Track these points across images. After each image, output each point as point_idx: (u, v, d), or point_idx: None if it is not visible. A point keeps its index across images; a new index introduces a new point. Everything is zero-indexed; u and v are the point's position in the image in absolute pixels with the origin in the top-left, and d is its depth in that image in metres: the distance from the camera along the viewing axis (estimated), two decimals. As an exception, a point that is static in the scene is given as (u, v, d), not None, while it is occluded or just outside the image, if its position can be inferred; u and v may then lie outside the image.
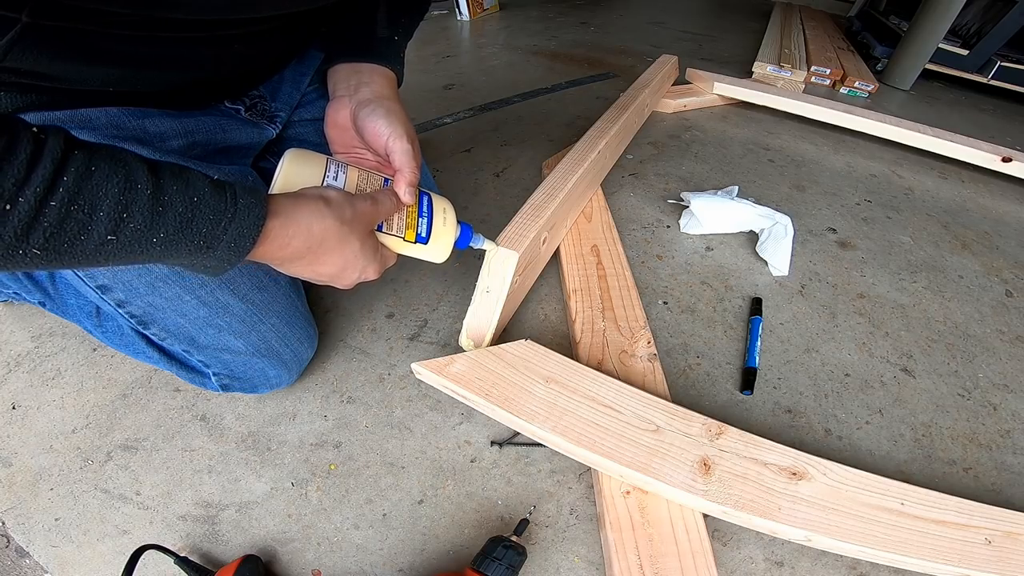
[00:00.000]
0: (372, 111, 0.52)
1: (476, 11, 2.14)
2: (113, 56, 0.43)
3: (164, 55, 0.46)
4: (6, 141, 0.26)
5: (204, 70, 0.51)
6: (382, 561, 0.50)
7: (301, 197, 0.41)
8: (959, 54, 1.75)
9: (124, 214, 0.30)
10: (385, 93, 0.55)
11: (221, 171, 0.53)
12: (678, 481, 0.49)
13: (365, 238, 0.45)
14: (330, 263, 0.43)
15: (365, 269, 0.46)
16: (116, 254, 0.31)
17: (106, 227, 0.29)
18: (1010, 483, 0.60)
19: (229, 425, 0.60)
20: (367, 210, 0.45)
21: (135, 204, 0.30)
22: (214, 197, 0.34)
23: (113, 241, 0.30)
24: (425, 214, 0.53)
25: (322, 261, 0.43)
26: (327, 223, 0.41)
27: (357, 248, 0.44)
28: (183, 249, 0.33)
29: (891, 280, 0.88)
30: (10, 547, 0.50)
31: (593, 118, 1.03)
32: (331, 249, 0.42)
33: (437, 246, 0.53)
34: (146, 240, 0.31)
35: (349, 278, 0.46)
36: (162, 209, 0.31)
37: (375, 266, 0.47)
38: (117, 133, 0.47)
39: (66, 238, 0.28)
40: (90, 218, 0.28)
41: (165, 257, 0.33)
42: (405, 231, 0.51)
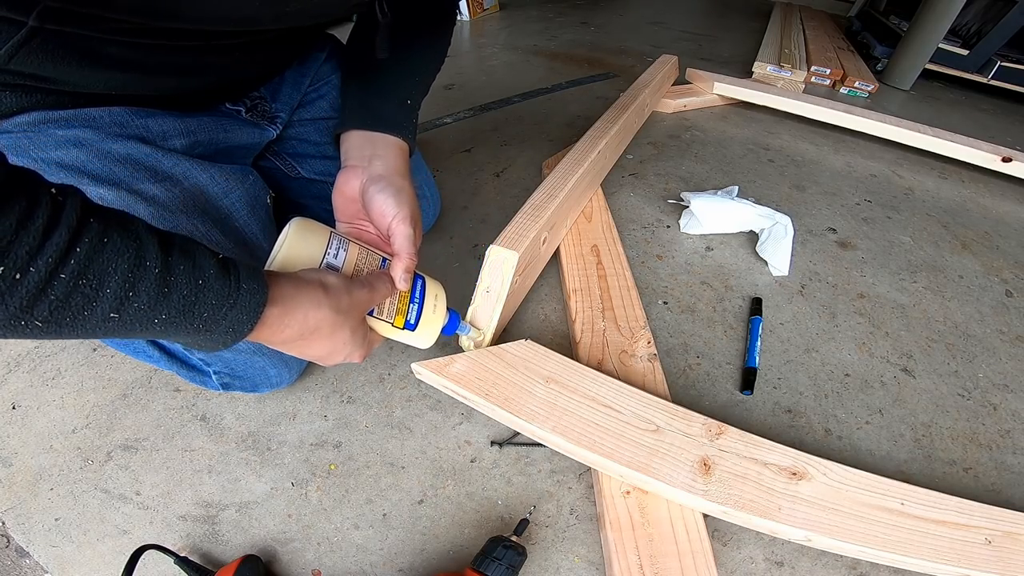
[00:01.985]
0: (381, 189, 0.52)
1: (476, 11, 2.14)
2: (116, 62, 0.43)
3: (167, 62, 0.46)
4: (25, 205, 0.24)
5: (206, 77, 0.51)
6: (382, 561, 0.50)
7: (302, 283, 0.40)
8: (959, 54, 1.75)
9: (131, 292, 0.28)
10: (397, 168, 0.55)
11: (223, 170, 0.53)
12: (678, 481, 0.49)
13: (357, 326, 0.44)
14: (319, 348, 0.43)
15: (351, 354, 0.46)
16: (116, 330, 0.30)
17: (111, 304, 0.28)
18: (1010, 483, 0.60)
19: (229, 425, 0.60)
20: (364, 298, 0.45)
21: (143, 282, 0.29)
22: (219, 280, 0.33)
23: (115, 319, 0.29)
24: (416, 300, 0.53)
25: (312, 346, 0.42)
26: (323, 313, 0.40)
27: (347, 336, 0.44)
28: (183, 330, 0.32)
29: (891, 280, 0.88)
30: (10, 547, 0.50)
31: (593, 118, 1.03)
32: (323, 336, 0.42)
33: (424, 334, 0.53)
34: (148, 319, 0.30)
35: (333, 361, 0.46)
36: (168, 290, 0.30)
37: (361, 351, 0.47)
38: (120, 131, 0.47)
39: (70, 312, 0.27)
40: (97, 293, 0.27)
41: (163, 335, 0.33)
42: (395, 317, 0.51)
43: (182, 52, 0.46)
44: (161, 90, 0.49)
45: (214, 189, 0.52)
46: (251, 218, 0.55)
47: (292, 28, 0.51)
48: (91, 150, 0.46)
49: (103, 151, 0.46)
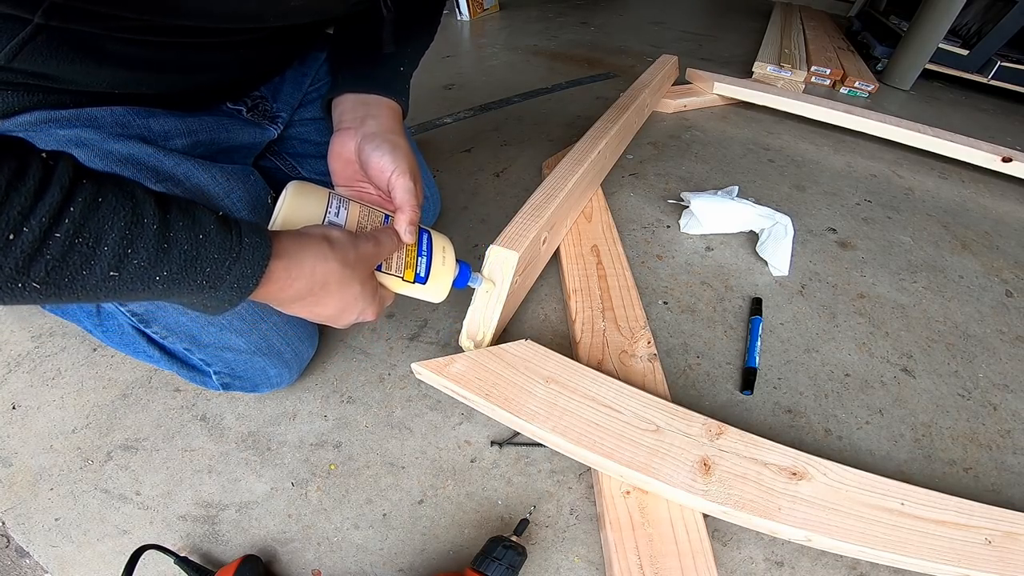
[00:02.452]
0: (377, 146, 0.51)
1: (476, 11, 2.14)
2: (120, 59, 0.43)
3: (170, 60, 0.46)
4: (15, 167, 0.25)
5: (210, 74, 0.51)
6: (382, 561, 0.50)
7: (305, 237, 0.40)
8: (959, 54, 1.75)
9: (129, 249, 0.28)
10: (391, 127, 0.54)
11: (224, 170, 0.53)
12: (678, 481, 0.49)
13: (366, 280, 0.44)
14: (330, 305, 0.43)
15: (364, 311, 0.46)
16: (117, 290, 0.30)
17: (109, 262, 0.28)
18: (1010, 483, 0.60)
19: (229, 425, 0.60)
20: (370, 252, 0.44)
21: (140, 239, 0.29)
22: (220, 235, 0.32)
23: (116, 278, 0.29)
24: (424, 253, 0.53)
25: (322, 303, 0.42)
26: (330, 266, 0.40)
27: (358, 291, 0.43)
28: (186, 288, 0.32)
29: (891, 280, 0.88)
30: (10, 547, 0.50)
31: (593, 118, 1.03)
32: (332, 292, 0.41)
33: (436, 286, 0.53)
34: (149, 277, 0.30)
35: (347, 319, 0.46)
36: (167, 246, 0.30)
37: (374, 307, 0.46)
38: (122, 131, 0.47)
39: (68, 272, 0.27)
40: (94, 252, 0.27)
41: (167, 295, 0.32)
42: (404, 270, 0.50)
43: (185, 50, 0.46)
44: (163, 88, 0.49)
45: (215, 189, 0.52)
46: (252, 218, 0.55)
47: (294, 26, 0.51)
48: (92, 150, 0.46)
49: (104, 151, 0.46)
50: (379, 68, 0.58)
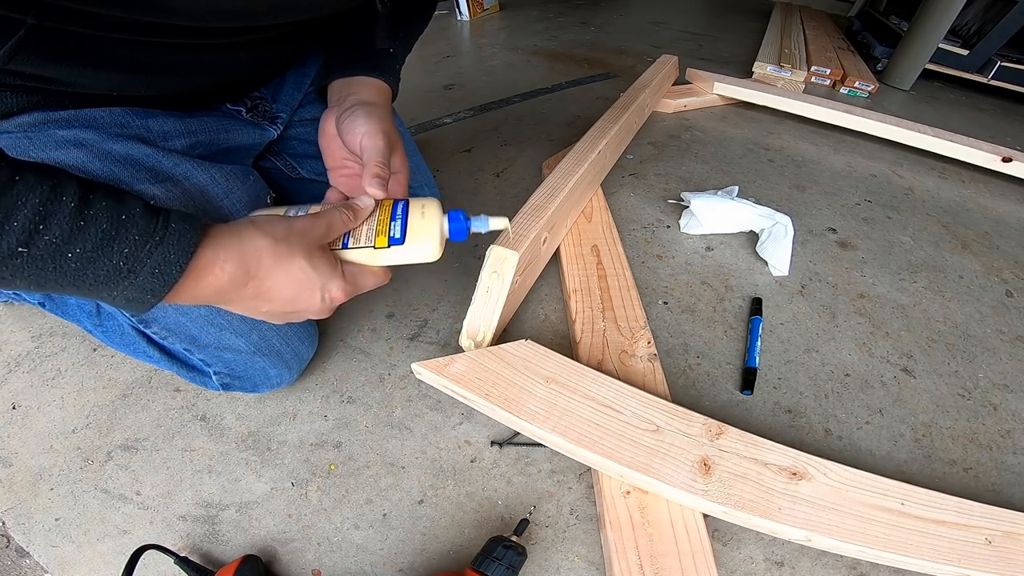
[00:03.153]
0: (352, 113, 0.51)
1: (476, 11, 2.14)
2: (117, 61, 0.43)
3: (167, 61, 0.46)
4: None
5: (209, 76, 0.51)
6: (382, 561, 0.50)
7: (233, 223, 0.39)
8: (959, 54, 1.74)
9: (40, 225, 0.28)
10: (372, 100, 0.54)
11: (223, 170, 0.53)
12: (678, 481, 0.49)
13: (311, 253, 0.41)
14: (278, 287, 0.40)
15: (325, 287, 0.42)
16: (25, 270, 0.29)
17: (18, 237, 0.28)
18: (1010, 483, 0.60)
19: (229, 425, 0.60)
20: (305, 225, 0.42)
21: (55, 215, 0.29)
22: (144, 218, 0.32)
23: (24, 254, 0.28)
24: (399, 217, 0.48)
25: (268, 288, 0.39)
26: (258, 242, 0.38)
27: (303, 264, 0.40)
28: (101, 270, 0.31)
29: (891, 280, 0.88)
30: (10, 547, 0.50)
31: (593, 118, 1.03)
32: (270, 269, 0.39)
33: (418, 243, 0.47)
34: (60, 255, 0.29)
35: (311, 302, 0.42)
36: (83, 223, 0.30)
37: (337, 283, 0.43)
38: (121, 132, 0.47)
39: None
40: (2, 226, 0.27)
41: (80, 280, 0.31)
42: (375, 238, 0.46)
43: (182, 51, 0.46)
44: (162, 90, 0.49)
45: (215, 190, 0.52)
46: None
47: (290, 24, 0.51)
48: (91, 151, 0.46)
49: (104, 152, 0.46)
50: (367, 51, 0.58)
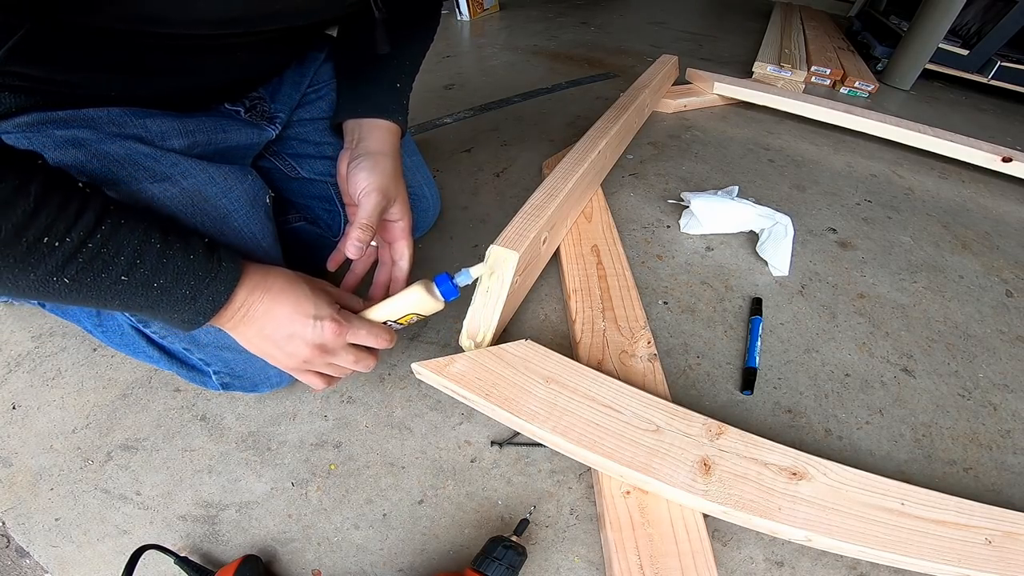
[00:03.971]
0: (357, 165, 0.56)
1: (476, 11, 2.14)
2: (114, 63, 0.43)
3: (165, 63, 0.46)
4: (60, 197, 0.33)
5: (207, 77, 0.51)
6: (382, 561, 0.50)
7: (269, 268, 0.47)
8: (959, 54, 1.74)
9: (138, 260, 0.37)
10: (378, 148, 0.59)
11: (222, 170, 0.53)
12: (678, 481, 0.49)
13: (315, 290, 0.48)
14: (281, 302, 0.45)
15: (319, 314, 0.46)
16: (125, 293, 0.38)
17: (123, 268, 0.36)
18: (1010, 483, 0.60)
19: (229, 425, 0.60)
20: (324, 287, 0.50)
21: (147, 253, 0.37)
22: (205, 257, 0.41)
23: (125, 281, 0.37)
24: None
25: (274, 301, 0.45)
26: (279, 272, 0.46)
27: (306, 290, 0.46)
28: (175, 297, 0.40)
29: (891, 280, 0.88)
30: (10, 547, 0.50)
31: (593, 118, 1.03)
32: (281, 288, 0.45)
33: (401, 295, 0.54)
34: (149, 283, 0.38)
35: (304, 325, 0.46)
36: (166, 261, 0.38)
37: (329, 312, 0.47)
38: (119, 131, 0.47)
39: (92, 273, 0.35)
40: (114, 259, 0.36)
41: (160, 302, 0.40)
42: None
43: (180, 53, 0.46)
44: (159, 90, 0.49)
45: (213, 189, 0.52)
46: (250, 218, 0.55)
47: (288, 28, 0.51)
48: (90, 151, 0.46)
49: (102, 152, 0.46)
50: (375, 87, 0.62)
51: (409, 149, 0.78)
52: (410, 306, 0.54)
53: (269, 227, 0.59)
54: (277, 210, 0.77)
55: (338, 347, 0.48)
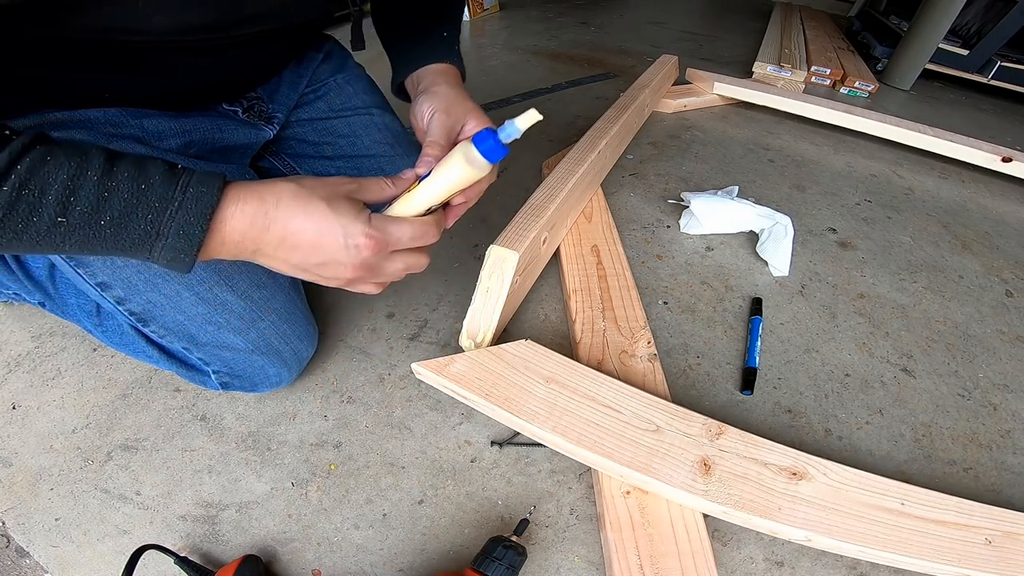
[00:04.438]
0: (417, 101, 0.53)
1: (476, 11, 2.14)
2: (105, 64, 0.43)
3: (157, 63, 0.46)
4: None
5: (199, 76, 0.51)
6: (382, 561, 0.50)
7: (264, 180, 0.39)
8: (959, 54, 1.74)
9: (71, 197, 0.32)
10: (433, 83, 0.55)
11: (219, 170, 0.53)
12: (678, 481, 0.49)
13: (332, 198, 0.39)
14: (300, 229, 0.38)
15: (348, 231, 0.39)
16: (70, 237, 0.33)
17: (55, 209, 0.31)
18: (1010, 483, 0.60)
19: (229, 425, 0.60)
20: (334, 179, 0.41)
21: (82, 188, 0.32)
22: (163, 185, 0.34)
23: (63, 223, 0.32)
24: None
25: (292, 231, 0.38)
26: (280, 186, 0.38)
27: (321, 205, 0.38)
28: (133, 234, 0.34)
29: (891, 280, 0.88)
30: (10, 547, 0.50)
31: (593, 118, 1.03)
32: (289, 208, 0.38)
33: (444, 167, 0.44)
34: (94, 223, 0.33)
35: (336, 248, 0.39)
36: (107, 194, 0.33)
37: (360, 227, 0.39)
38: (115, 132, 0.48)
39: (19, 218, 0.31)
40: (40, 200, 0.31)
41: (119, 243, 0.34)
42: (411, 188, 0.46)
43: (167, 54, 0.46)
44: (153, 90, 0.49)
45: None
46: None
47: (268, 30, 0.51)
48: None
49: None
50: (423, 43, 0.59)
51: (409, 149, 0.78)
52: (450, 182, 0.45)
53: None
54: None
55: (382, 261, 0.42)
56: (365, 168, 0.74)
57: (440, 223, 0.46)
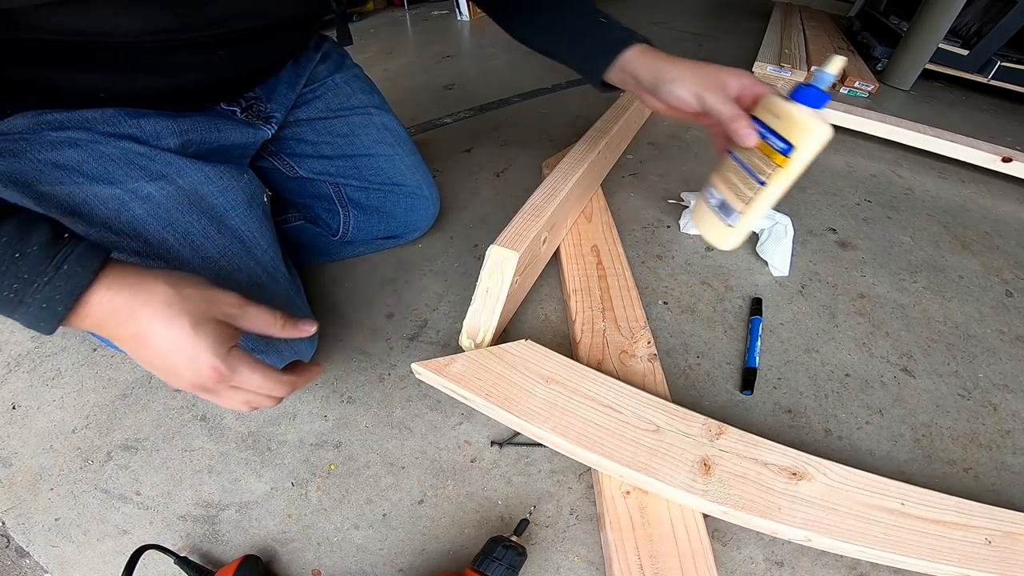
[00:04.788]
0: (660, 89, 0.56)
1: (476, 11, 2.14)
2: (95, 63, 0.43)
3: (137, 61, 0.46)
4: None
5: (190, 74, 0.51)
6: (382, 561, 0.50)
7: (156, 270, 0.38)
8: (959, 54, 1.74)
9: None
10: (649, 65, 0.57)
11: (218, 168, 0.53)
12: (678, 481, 0.49)
13: (201, 321, 0.38)
14: (154, 336, 0.37)
15: (197, 358, 0.38)
16: None
17: None
18: (1010, 483, 0.60)
19: (229, 425, 0.60)
20: (220, 296, 0.40)
21: None
22: (39, 256, 0.34)
23: None
24: (767, 133, 0.51)
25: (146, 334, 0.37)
26: (158, 288, 0.37)
27: (185, 324, 0.37)
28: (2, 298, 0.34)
29: (891, 280, 0.88)
30: (10, 547, 0.50)
31: (593, 118, 1.03)
32: (154, 315, 0.37)
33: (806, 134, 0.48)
34: None
35: (180, 367, 0.38)
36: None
37: (209, 359, 0.38)
38: (113, 131, 0.48)
39: None
40: None
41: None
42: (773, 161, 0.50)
43: (146, 51, 0.46)
44: (147, 88, 0.49)
45: (209, 188, 0.52)
46: (248, 216, 0.55)
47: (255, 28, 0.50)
48: (86, 150, 0.46)
49: (98, 151, 0.46)
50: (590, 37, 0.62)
51: (408, 149, 0.79)
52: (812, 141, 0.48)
53: (267, 225, 0.59)
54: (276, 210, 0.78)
55: (223, 389, 0.41)
56: (364, 167, 0.74)
57: (294, 385, 0.46)
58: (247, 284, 0.54)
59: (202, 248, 0.51)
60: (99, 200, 0.46)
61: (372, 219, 0.78)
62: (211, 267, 0.51)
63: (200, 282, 0.40)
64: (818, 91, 0.48)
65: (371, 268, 0.81)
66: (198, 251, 0.50)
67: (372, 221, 0.78)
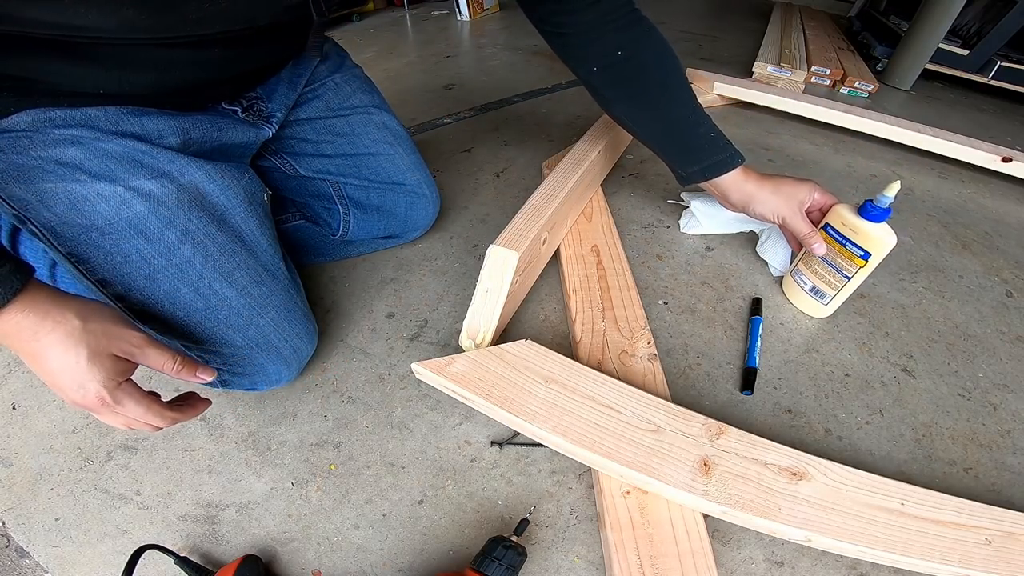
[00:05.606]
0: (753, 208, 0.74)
1: (476, 11, 2.14)
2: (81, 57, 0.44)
3: (144, 59, 0.46)
4: None
5: (186, 72, 0.51)
6: (382, 561, 0.50)
7: (79, 298, 0.41)
8: (959, 54, 1.74)
9: None
10: (741, 189, 0.74)
11: (218, 167, 0.53)
12: (678, 481, 0.49)
13: (100, 354, 0.41)
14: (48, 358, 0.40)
15: (86, 384, 0.40)
16: None
17: None
18: (1010, 483, 0.60)
19: (229, 425, 0.60)
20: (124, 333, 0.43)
21: None
22: None
23: None
24: (841, 239, 0.67)
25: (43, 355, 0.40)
26: (66, 318, 0.40)
27: (82, 355, 0.40)
28: None
29: (891, 280, 0.88)
30: (10, 547, 0.50)
31: (593, 118, 1.03)
32: (54, 343, 0.39)
33: (880, 244, 0.64)
34: None
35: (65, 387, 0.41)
36: None
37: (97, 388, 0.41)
38: (116, 130, 0.48)
39: None
40: None
41: None
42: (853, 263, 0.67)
43: (159, 48, 0.46)
44: (144, 86, 0.49)
45: (210, 186, 0.52)
46: (248, 215, 0.56)
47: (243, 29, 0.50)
48: (88, 148, 0.46)
49: (100, 149, 0.46)
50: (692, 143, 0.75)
51: (408, 148, 0.79)
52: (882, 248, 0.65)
53: (267, 224, 0.59)
54: (277, 209, 0.78)
55: (104, 412, 0.43)
56: (364, 166, 0.74)
57: (174, 420, 0.48)
58: (247, 281, 0.54)
59: (203, 246, 0.51)
60: (101, 197, 0.46)
61: (372, 218, 0.78)
62: (212, 265, 0.52)
63: (110, 318, 0.43)
64: (881, 209, 0.63)
65: (371, 268, 0.81)
66: (199, 248, 0.51)
67: (372, 220, 0.78)
